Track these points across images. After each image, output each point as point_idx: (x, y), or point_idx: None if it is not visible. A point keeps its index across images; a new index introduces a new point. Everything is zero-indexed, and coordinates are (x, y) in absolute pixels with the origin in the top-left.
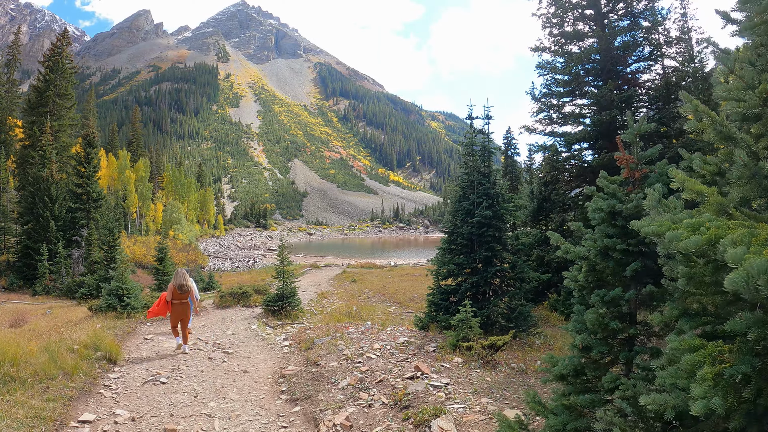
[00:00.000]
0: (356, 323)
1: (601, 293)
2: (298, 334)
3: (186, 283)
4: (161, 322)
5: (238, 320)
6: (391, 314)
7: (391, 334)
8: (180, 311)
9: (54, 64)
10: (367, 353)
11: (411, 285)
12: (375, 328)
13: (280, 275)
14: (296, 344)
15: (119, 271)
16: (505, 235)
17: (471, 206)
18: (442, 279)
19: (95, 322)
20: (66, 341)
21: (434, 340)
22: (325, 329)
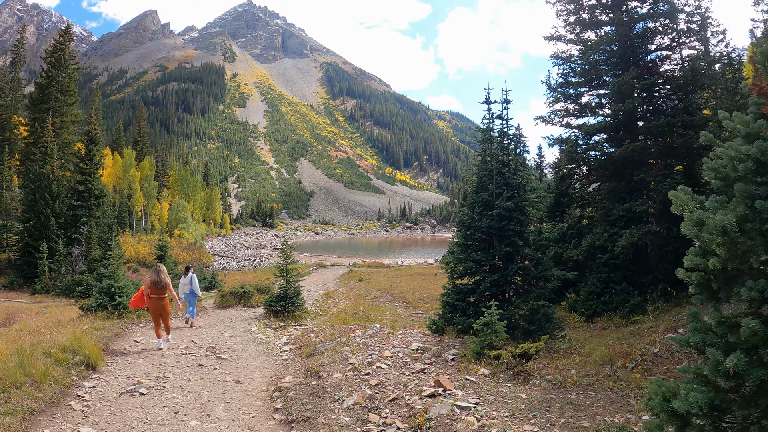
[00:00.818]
0: (363, 326)
1: (758, 285)
2: (300, 338)
3: (162, 278)
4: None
5: (238, 321)
6: (400, 315)
7: (403, 339)
8: (158, 306)
9: (56, 60)
10: (376, 362)
11: (420, 284)
12: (384, 332)
13: (283, 274)
14: (297, 349)
15: (111, 268)
16: (527, 229)
17: (490, 197)
18: (458, 277)
19: (84, 323)
20: (42, 344)
21: (452, 346)
22: (329, 332)
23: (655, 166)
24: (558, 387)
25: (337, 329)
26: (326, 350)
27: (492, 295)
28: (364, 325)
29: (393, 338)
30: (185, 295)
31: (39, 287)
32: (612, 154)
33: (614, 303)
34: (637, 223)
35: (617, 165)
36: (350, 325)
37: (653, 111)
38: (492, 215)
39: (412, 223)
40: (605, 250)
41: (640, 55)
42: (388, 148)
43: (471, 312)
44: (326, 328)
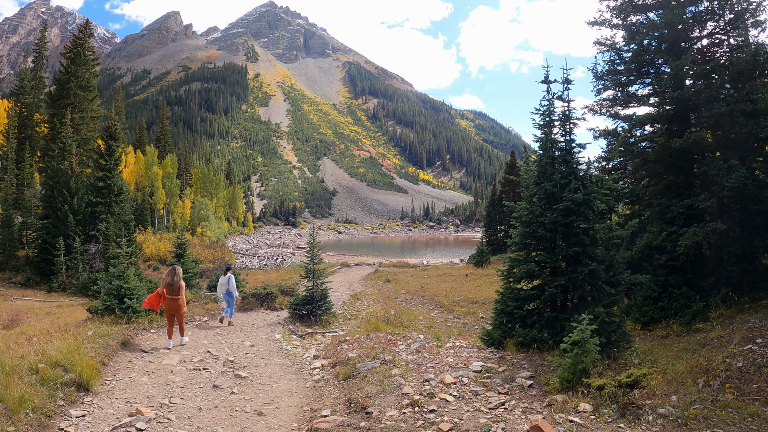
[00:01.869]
0: (403, 334)
1: None
2: (331, 349)
3: (175, 280)
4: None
5: (260, 327)
6: (435, 320)
7: (458, 356)
8: (170, 306)
9: (75, 55)
10: (438, 392)
11: (452, 286)
12: (431, 344)
13: (310, 274)
14: (331, 367)
15: (121, 267)
16: (594, 226)
17: (554, 188)
18: (513, 281)
19: (88, 327)
20: (31, 356)
21: (520, 366)
22: (366, 344)
23: (715, 158)
24: (680, 426)
25: (374, 340)
26: (369, 371)
27: (553, 303)
28: (404, 334)
29: (445, 354)
30: (223, 294)
31: (55, 285)
32: (671, 144)
33: (673, 309)
34: (699, 220)
35: (674, 157)
36: (385, 332)
37: (708, 100)
38: (558, 209)
39: (435, 222)
40: (663, 251)
41: (691, 42)
42: (411, 147)
43: (535, 322)
44: (360, 337)
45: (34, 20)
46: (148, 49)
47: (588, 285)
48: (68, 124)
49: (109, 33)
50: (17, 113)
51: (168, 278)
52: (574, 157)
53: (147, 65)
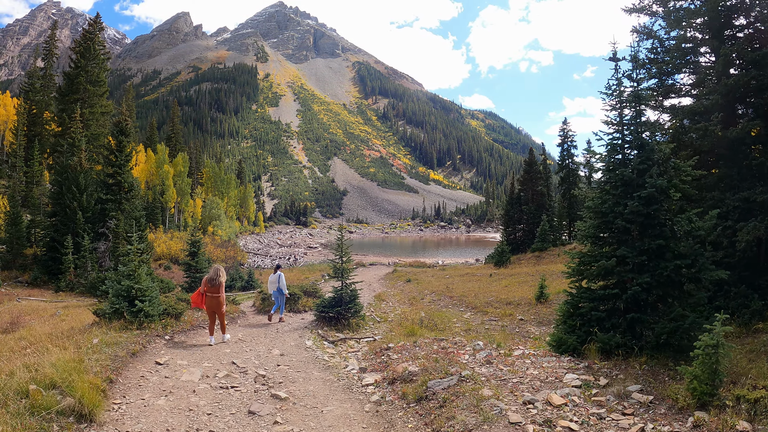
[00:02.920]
0: (452, 340)
1: None
2: (376, 359)
3: (216, 278)
4: (185, 334)
5: (286, 331)
6: (470, 323)
7: (539, 366)
8: (210, 303)
9: (85, 50)
10: (555, 418)
11: (478, 286)
12: (497, 352)
13: (338, 274)
14: (387, 383)
15: (131, 266)
16: (673, 217)
17: (633, 174)
18: (590, 279)
19: (94, 334)
20: (19, 374)
21: (620, 378)
22: (418, 353)
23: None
24: None
25: (425, 347)
26: (448, 392)
27: (635, 303)
28: (454, 340)
29: (521, 365)
30: (273, 292)
31: (63, 284)
32: (728, 134)
33: (730, 308)
34: (756, 214)
35: (727, 148)
36: (431, 338)
37: (761, 88)
38: (640, 197)
39: (446, 222)
40: (719, 247)
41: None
42: (421, 147)
43: (615, 325)
44: (406, 344)
45: (44, 22)
46: (158, 50)
47: (673, 283)
48: (78, 119)
49: (119, 34)
50: (26, 111)
51: (210, 274)
52: (647, 140)
53: (157, 66)
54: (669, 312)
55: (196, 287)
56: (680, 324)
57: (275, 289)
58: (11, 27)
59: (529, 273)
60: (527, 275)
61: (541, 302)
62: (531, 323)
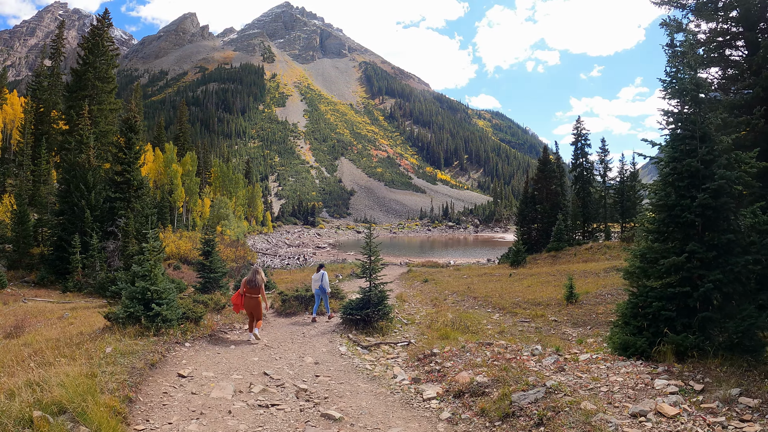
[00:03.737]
0: (501, 344)
1: None
2: (424, 366)
3: (254, 278)
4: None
5: (313, 336)
6: (502, 324)
7: (615, 371)
8: (248, 304)
9: (94, 45)
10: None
11: (501, 286)
12: (562, 356)
13: (367, 274)
14: (454, 397)
15: (147, 266)
16: (737, 211)
17: (700, 165)
18: (657, 277)
19: (107, 341)
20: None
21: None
22: (472, 360)
23: None
24: None
25: (476, 352)
26: (537, 406)
27: (706, 302)
28: (502, 344)
29: (600, 371)
30: (315, 291)
31: (70, 284)
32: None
33: None
34: None
35: None
36: (470, 341)
37: None
38: (708, 189)
39: (454, 222)
40: None
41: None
42: (428, 147)
43: (687, 325)
44: (454, 349)
45: (51, 23)
46: (164, 51)
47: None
48: (86, 116)
49: (126, 35)
50: (34, 109)
51: (249, 276)
52: (710, 131)
53: (164, 66)
54: (741, 310)
55: (209, 288)
56: (753, 323)
57: (318, 288)
58: (18, 28)
59: (550, 273)
60: (548, 275)
61: (571, 303)
62: (565, 324)
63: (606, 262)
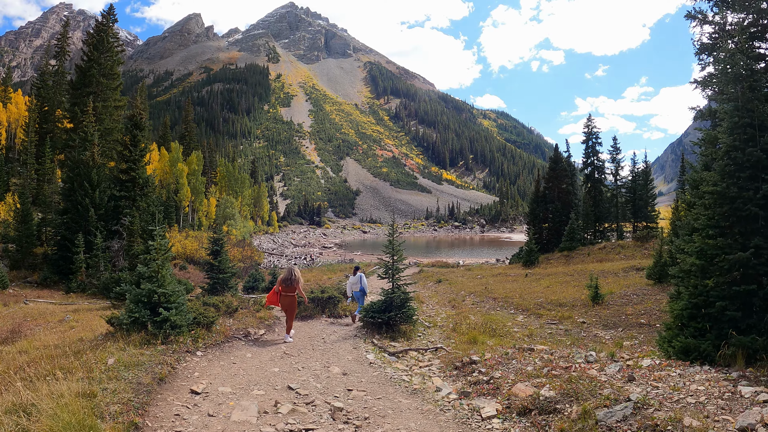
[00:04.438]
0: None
1: None
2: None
3: (291, 277)
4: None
5: (335, 341)
6: (529, 327)
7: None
8: (284, 303)
9: (98, 41)
10: None
11: (518, 287)
12: (619, 363)
13: (390, 275)
14: (519, 415)
15: (153, 266)
16: None
17: (762, 154)
18: (723, 274)
19: (108, 350)
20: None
21: None
22: (522, 368)
23: None
24: None
25: (523, 359)
26: (628, 424)
27: None
28: (544, 349)
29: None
30: (354, 293)
31: (74, 285)
32: None
33: None
34: None
35: None
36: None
37: None
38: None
39: (460, 222)
40: None
41: None
42: (434, 147)
43: (753, 326)
44: (495, 356)
45: (56, 24)
46: (169, 51)
47: None
48: (90, 113)
49: (130, 35)
50: (38, 108)
51: (285, 274)
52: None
53: (169, 67)
54: None
55: (218, 289)
56: None
57: (357, 290)
58: (23, 29)
59: (567, 273)
60: (565, 275)
61: (597, 303)
62: (595, 326)
63: (623, 262)
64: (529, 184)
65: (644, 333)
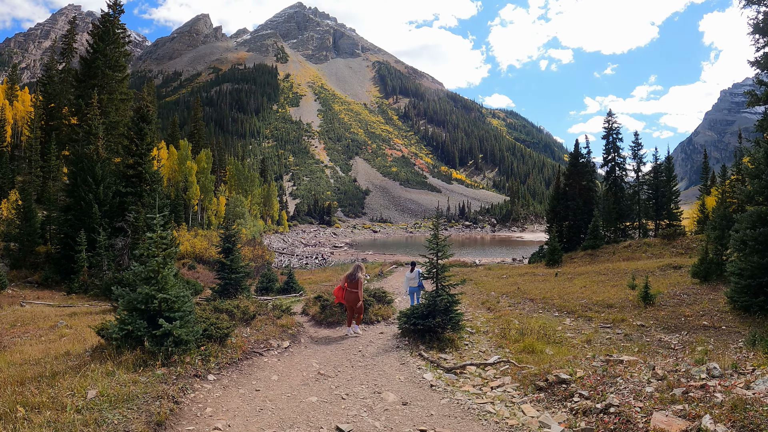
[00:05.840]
0: (641, 359)
1: None
2: (559, 401)
3: (355, 273)
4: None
5: (374, 353)
6: (584, 331)
7: None
8: (348, 298)
9: (104, 32)
10: None
11: (552, 287)
12: None
13: (433, 275)
14: None
15: (153, 264)
16: None
17: None
18: None
19: (92, 376)
20: None
21: None
22: (640, 389)
23: None
24: None
25: (642, 376)
26: None
27: None
28: (637, 360)
29: None
30: (410, 288)
31: (76, 285)
32: None
33: None
34: None
35: None
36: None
37: None
38: None
39: (471, 222)
40: None
41: None
42: (443, 146)
43: None
44: (598, 373)
45: (65, 26)
46: (178, 52)
47: None
48: (95, 105)
49: (139, 36)
50: (43, 104)
51: (350, 272)
52: None
53: (178, 67)
54: None
55: (230, 291)
56: None
57: (417, 286)
58: (33, 31)
59: (599, 272)
60: (597, 274)
61: (649, 304)
62: (656, 330)
63: (653, 261)
64: (539, 184)
65: (713, 336)
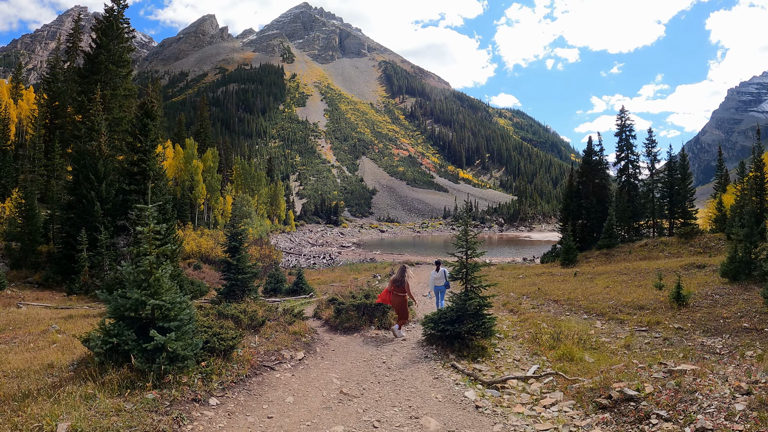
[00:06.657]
0: (695, 367)
1: None
2: (632, 423)
3: (401, 278)
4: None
5: (400, 366)
6: (618, 335)
7: None
8: (395, 302)
9: (108, 27)
10: None
11: (574, 287)
12: None
13: (462, 275)
14: None
15: (145, 264)
16: None
17: None
18: None
19: (68, 402)
20: None
21: None
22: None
23: None
24: None
25: (724, 389)
26: None
27: None
28: (693, 369)
29: None
30: (436, 287)
31: (76, 286)
32: None
33: None
34: None
35: None
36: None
37: None
38: None
39: (479, 221)
40: None
41: None
42: (450, 145)
43: None
44: (671, 387)
45: (71, 27)
46: (184, 52)
47: None
48: (97, 100)
49: (146, 37)
50: (47, 102)
51: (396, 275)
52: None
53: (184, 68)
54: None
55: (236, 293)
56: None
57: (442, 285)
58: (39, 32)
59: (619, 271)
60: (618, 274)
61: (682, 305)
62: (696, 333)
63: (672, 260)
64: (547, 183)
65: (758, 339)
